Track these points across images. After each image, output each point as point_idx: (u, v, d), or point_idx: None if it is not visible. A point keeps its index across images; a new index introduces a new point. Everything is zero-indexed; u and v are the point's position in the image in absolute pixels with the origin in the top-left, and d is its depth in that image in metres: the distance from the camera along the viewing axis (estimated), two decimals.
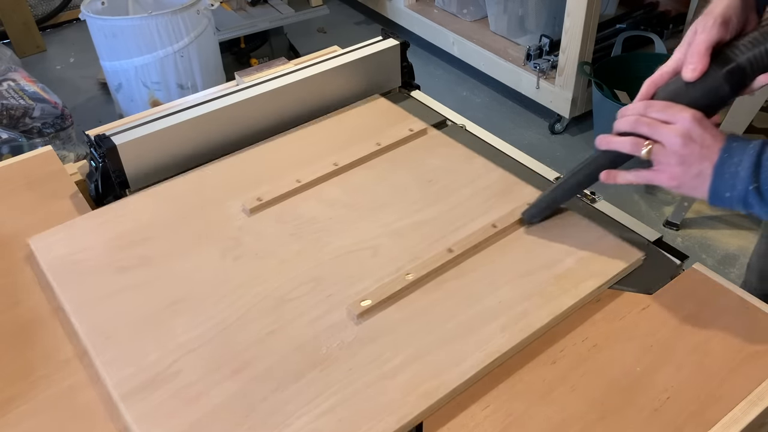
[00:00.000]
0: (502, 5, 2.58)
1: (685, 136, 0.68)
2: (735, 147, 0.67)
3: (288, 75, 1.09)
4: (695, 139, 0.68)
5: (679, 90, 0.71)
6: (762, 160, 0.66)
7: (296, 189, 0.94)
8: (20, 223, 0.90)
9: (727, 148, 0.68)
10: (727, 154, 0.67)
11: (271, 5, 2.76)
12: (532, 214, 0.87)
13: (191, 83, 2.32)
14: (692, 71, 0.69)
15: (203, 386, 0.69)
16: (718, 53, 0.69)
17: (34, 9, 3.17)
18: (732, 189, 0.67)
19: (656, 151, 0.71)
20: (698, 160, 0.69)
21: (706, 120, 0.69)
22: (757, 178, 0.66)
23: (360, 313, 0.75)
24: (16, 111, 2.09)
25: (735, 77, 0.68)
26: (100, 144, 0.93)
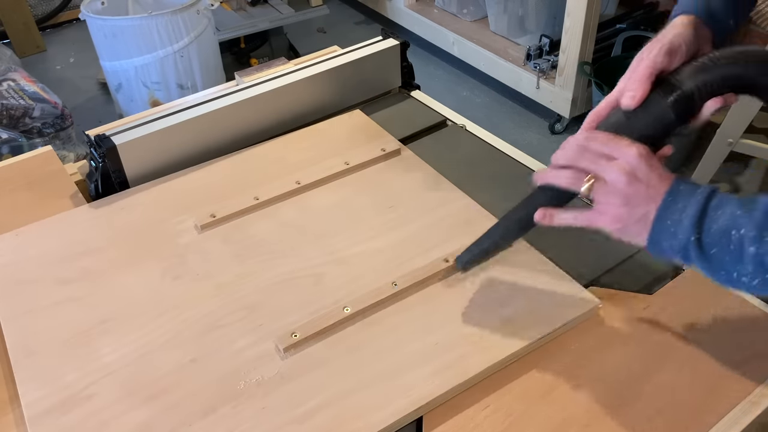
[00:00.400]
0: (502, 5, 2.58)
1: (630, 174, 0.61)
2: (681, 191, 0.61)
3: (288, 75, 1.09)
4: (641, 177, 0.61)
5: (622, 121, 0.66)
6: (709, 209, 0.59)
7: (252, 207, 0.91)
8: (20, 223, 0.90)
9: (672, 192, 0.61)
10: (671, 198, 0.61)
11: (271, 5, 2.76)
12: (466, 261, 0.80)
13: (191, 83, 2.32)
14: (631, 98, 0.64)
15: (112, 413, 0.67)
16: (662, 81, 0.65)
17: (34, 9, 3.17)
18: (672, 238, 0.60)
19: (598, 189, 0.64)
20: (644, 201, 0.62)
21: (652, 156, 0.63)
22: (699, 229, 0.59)
23: (287, 347, 0.72)
24: (16, 111, 2.09)
25: (680, 104, 0.63)
26: (100, 144, 0.93)
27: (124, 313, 0.78)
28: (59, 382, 0.70)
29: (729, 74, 0.63)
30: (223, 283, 0.81)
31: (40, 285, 0.81)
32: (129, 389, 0.69)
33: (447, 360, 0.71)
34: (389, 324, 0.75)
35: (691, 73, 0.64)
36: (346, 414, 0.66)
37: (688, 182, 0.62)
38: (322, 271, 0.82)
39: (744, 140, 1.87)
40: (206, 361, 0.72)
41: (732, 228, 0.57)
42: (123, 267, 0.84)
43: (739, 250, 0.57)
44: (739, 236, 0.57)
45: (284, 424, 0.66)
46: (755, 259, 0.56)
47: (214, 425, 0.66)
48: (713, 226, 0.58)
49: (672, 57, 0.66)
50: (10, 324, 0.77)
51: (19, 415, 0.69)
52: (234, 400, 0.68)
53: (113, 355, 0.73)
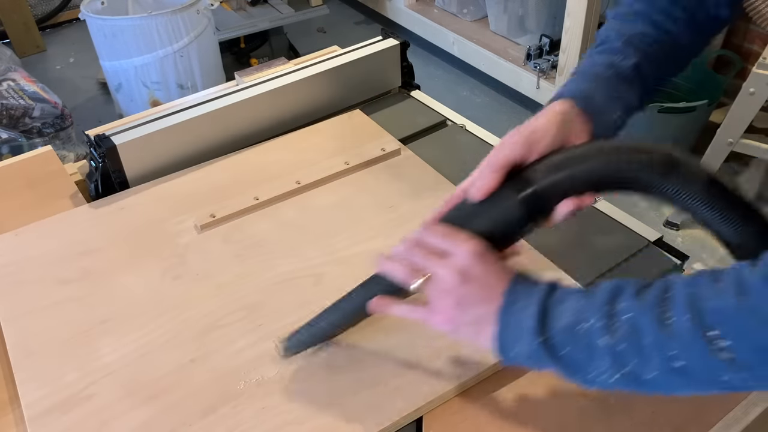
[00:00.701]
0: (502, 5, 2.58)
1: (462, 274, 0.57)
2: (520, 290, 0.56)
3: (288, 75, 1.09)
4: (473, 277, 0.57)
5: (468, 213, 0.60)
6: (550, 305, 0.54)
7: (252, 207, 0.91)
8: (20, 223, 0.90)
9: (511, 291, 0.56)
10: (511, 298, 0.56)
11: (271, 5, 2.76)
12: (290, 346, 0.71)
13: (191, 83, 2.32)
14: (478, 190, 0.59)
15: (113, 413, 0.67)
16: (516, 174, 0.59)
17: (34, 9, 3.17)
18: (519, 342, 0.54)
19: (430, 287, 0.59)
20: (476, 303, 0.57)
21: (489, 254, 0.58)
22: (544, 329, 0.53)
23: None
24: (16, 111, 2.09)
25: (530, 203, 0.57)
26: (100, 144, 0.93)
27: (124, 313, 0.77)
28: (59, 382, 0.70)
29: (584, 174, 0.57)
30: (223, 283, 0.81)
31: (40, 285, 0.81)
32: (129, 389, 0.69)
33: (447, 360, 0.71)
34: (389, 324, 0.75)
35: (544, 170, 0.58)
36: (346, 414, 0.66)
37: (527, 279, 0.57)
38: (322, 271, 0.82)
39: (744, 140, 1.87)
40: (206, 361, 0.72)
41: (578, 322, 0.52)
42: (123, 267, 0.84)
43: (590, 347, 0.51)
44: (586, 330, 0.51)
45: (284, 424, 0.66)
46: (608, 352, 0.50)
47: (214, 425, 0.66)
48: (558, 323, 0.53)
49: (531, 148, 0.60)
50: (10, 324, 0.77)
51: (19, 415, 0.69)
52: (234, 400, 0.68)
53: (113, 355, 0.73)
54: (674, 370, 0.48)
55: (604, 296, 0.52)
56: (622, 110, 0.66)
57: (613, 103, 0.65)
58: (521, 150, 0.60)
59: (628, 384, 0.51)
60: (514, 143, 0.60)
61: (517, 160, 0.60)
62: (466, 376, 0.69)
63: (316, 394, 0.68)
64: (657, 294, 0.50)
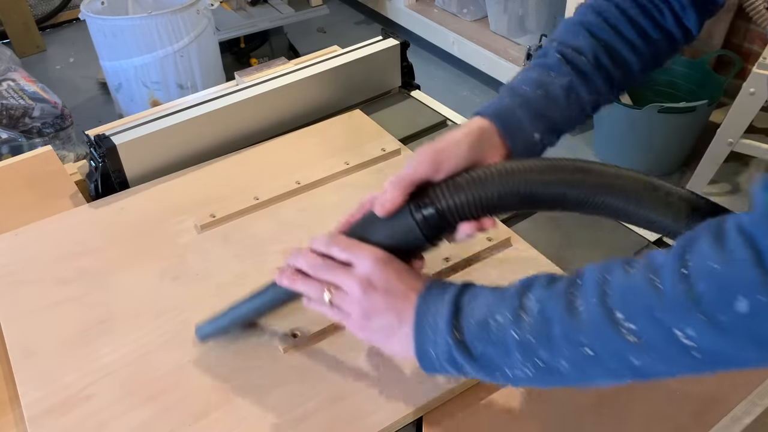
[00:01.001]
0: (502, 5, 2.58)
1: (364, 283, 0.57)
2: (432, 293, 0.56)
3: (288, 75, 1.09)
4: (376, 285, 0.57)
5: (371, 226, 0.61)
6: (462, 303, 0.54)
7: (252, 207, 0.91)
8: (20, 223, 0.90)
9: (425, 298, 0.56)
10: (423, 302, 0.56)
11: (271, 5, 2.76)
12: (204, 334, 0.73)
13: (191, 83, 2.32)
14: (381, 207, 0.59)
15: (112, 413, 0.67)
16: (420, 193, 0.59)
17: (34, 9, 3.17)
18: (435, 346, 0.54)
19: (338, 299, 0.59)
20: (382, 311, 0.57)
21: (394, 261, 0.58)
22: (458, 328, 0.53)
23: (286, 347, 0.72)
24: (15, 111, 2.09)
25: (429, 223, 0.58)
26: (100, 144, 0.93)
27: (123, 314, 0.77)
28: (59, 382, 0.70)
29: (482, 199, 0.56)
30: (222, 283, 0.81)
31: (39, 285, 0.81)
32: (128, 389, 0.69)
33: None
34: None
35: (446, 191, 0.57)
36: (346, 415, 0.66)
37: (439, 282, 0.57)
38: None
39: (744, 140, 1.87)
40: (206, 361, 0.72)
41: (489, 317, 0.52)
42: (122, 267, 0.84)
43: (502, 341, 0.51)
44: (497, 324, 0.51)
45: (284, 425, 0.66)
46: (520, 345, 0.50)
47: (214, 425, 0.66)
48: (471, 320, 0.52)
49: (439, 167, 0.59)
50: (10, 324, 0.77)
51: (18, 415, 0.69)
52: (234, 400, 0.68)
53: (113, 355, 0.73)
54: (586, 358, 0.48)
55: (515, 289, 0.52)
56: (545, 130, 0.65)
57: (536, 123, 0.64)
58: (427, 168, 0.59)
59: (546, 377, 0.50)
60: (421, 162, 0.59)
61: (423, 178, 0.59)
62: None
63: (315, 394, 0.68)
64: (568, 281, 0.50)
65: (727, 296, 0.42)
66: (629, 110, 2.09)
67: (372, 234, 0.60)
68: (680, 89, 2.24)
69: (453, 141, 0.61)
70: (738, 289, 0.41)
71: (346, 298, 0.59)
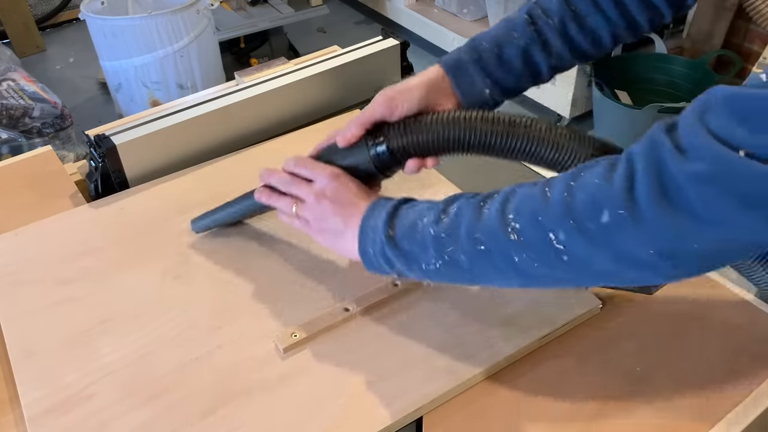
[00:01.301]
0: (502, 5, 2.58)
1: (319, 194, 0.68)
2: (379, 203, 0.65)
3: (288, 75, 1.09)
4: (328, 195, 0.68)
5: (334, 155, 0.72)
6: (400, 209, 0.63)
7: None
8: (20, 223, 0.90)
9: (373, 206, 0.66)
10: (370, 210, 0.65)
11: (271, 5, 2.76)
12: (198, 226, 0.87)
13: (191, 83, 2.32)
14: (342, 138, 0.70)
15: (112, 413, 0.67)
16: (376, 130, 0.69)
17: (34, 9, 3.17)
18: (373, 244, 0.63)
19: (301, 208, 0.71)
20: (331, 216, 0.67)
21: (346, 177, 0.69)
22: (392, 227, 0.62)
23: (287, 346, 0.72)
24: (15, 111, 2.09)
25: (381, 157, 0.69)
26: (100, 144, 0.93)
27: (124, 313, 0.77)
28: (59, 382, 0.70)
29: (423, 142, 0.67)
30: (223, 282, 0.81)
31: (40, 285, 0.81)
32: (129, 389, 0.69)
33: (448, 359, 0.71)
34: (390, 324, 0.75)
35: (395, 131, 0.68)
36: (346, 414, 0.66)
37: (387, 197, 0.67)
38: (327, 267, 0.82)
39: None
40: (207, 360, 0.72)
41: (418, 220, 0.61)
42: (123, 267, 0.84)
43: (423, 238, 0.60)
44: (422, 225, 0.60)
45: (284, 424, 0.66)
46: (434, 240, 0.59)
47: (215, 426, 0.66)
48: (404, 222, 0.62)
49: (393, 110, 0.68)
50: (10, 324, 0.77)
51: (19, 415, 0.69)
52: (236, 400, 0.68)
53: (113, 355, 0.73)
54: (479, 253, 0.56)
55: (444, 199, 0.62)
56: (494, 89, 0.72)
57: (486, 81, 0.72)
58: (384, 110, 0.68)
59: (451, 270, 0.59)
60: (379, 103, 0.69)
61: (379, 118, 0.69)
62: (466, 375, 0.69)
63: (316, 394, 0.68)
64: (488, 194, 0.59)
65: (597, 208, 0.48)
66: (629, 110, 2.09)
67: (335, 160, 0.71)
68: (680, 89, 2.24)
69: (408, 87, 0.70)
70: (605, 202, 0.48)
71: (305, 207, 0.70)
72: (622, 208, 0.47)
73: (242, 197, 0.83)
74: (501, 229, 0.54)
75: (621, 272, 0.51)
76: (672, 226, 0.46)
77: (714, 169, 0.44)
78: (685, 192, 0.45)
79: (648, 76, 2.29)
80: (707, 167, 0.44)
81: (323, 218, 0.68)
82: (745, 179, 0.43)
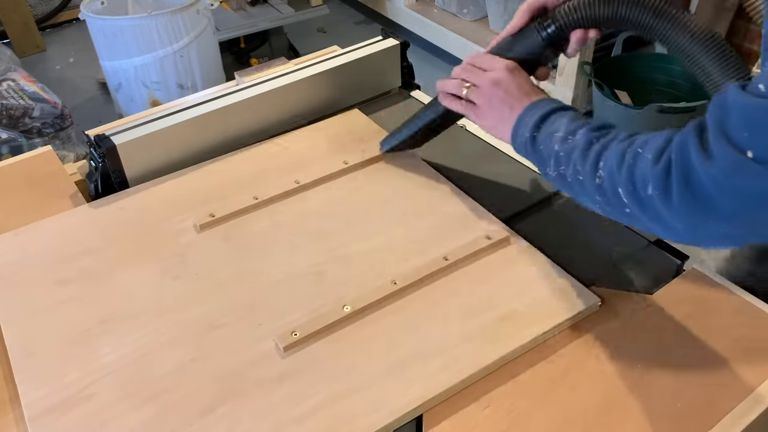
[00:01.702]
0: (502, 5, 2.58)
1: (494, 81, 0.78)
2: (540, 104, 0.74)
3: (288, 75, 1.09)
4: (501, 84, 0.77)
5: (505, 44, 0.82)
6: (551, 115, 0.72)
7: (251, 206, 0.91)
8: (20, 223, 0.90)
9: (533, 104, 0.75)
10: (531, 107, 0.74)
11: (271, 5, 2.76)
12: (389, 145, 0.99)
13: (191, 83, 2.32)
14: (511, 27, 0.81)
15: (112, 413, 0.67)
16: (540, 15, 0.80)
17: (34, 9, 3.16)
18: (522, 137, 0.74)
19: (472, 92, 0.80)
20: (500, 103, 0.77)
21: (519, 71, 0.79)
22: (537, 128, 0.72)
23: (287, 345, 0.72)
24: (15, 111, 2.09)
25: (549, 32, 0.78)
26: (100, 144, 0.93)
27: (123, 313, 0.77)
28: (59, 381, 0.70)
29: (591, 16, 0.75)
30: (222, 282, 0.81)
31: (39, 285, 0.81)
32: (129, 389, 0.69)
33: (447, 357, 0.71)
34: (389, 322, 0.75)
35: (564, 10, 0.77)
36: (346, 412, 0.66)
37: (555, 101, 0.75)
38: (322, 269, 0.82)
39: None
40: (206, 360, 0.72)
41: (555, 131, 0.71)
42: (123, 267, 0.84)
43: (550, 149, 0.70)
44: (554, 138, 0.70)
45: (284, 424, 0.66)
46: (555, 155, 0.69)
47: (215, 425, 0.66)
48: (548, 128, 0.72)
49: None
50: (10, 324, 0.77)
51: (19, 414, 0.69)
52: (234, 399, 0.68)
53: (113, 354, 0.73)
54: (577, 181, 0.68)
55: (581, 121, 0.70)
56: None
57: None
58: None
59: (559, 181, 0.71)
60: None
61: (542, 4, 0.80)
62: (466, 373, 0.69)
63: (316, 393, 0.68)
64: (603, 131, 0.67)
65: (645, 181, 0.59)
66: (629, 110, 2.09)
67: (506, 50, 0.82)
68: (680, 89, 2.24)
69: None
70: (650, 179, 0.58)
71: (476, 91, 0.80)
72: (659, 188, 0.57)
73: (421, 110, 0.94)
74: (591, 171, 0.65)
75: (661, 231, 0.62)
76: (694, 212, 0.56)
77: (731, 173, 0.52)
78: (706, 188, 0.54)
79: (648, 76, 2.29)
80: (726, 171, 0.53)
81: (493, 105, 0.78)
82: (755, 179, 0.51)
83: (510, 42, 0.82)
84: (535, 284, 0.79)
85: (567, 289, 0.78)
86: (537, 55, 0.80)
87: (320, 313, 0.76)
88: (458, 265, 0.82)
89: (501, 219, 0.89)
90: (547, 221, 0.91)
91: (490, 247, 0.84)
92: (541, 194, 0.95)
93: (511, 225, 0.88)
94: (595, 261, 0.84)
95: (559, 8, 0.78)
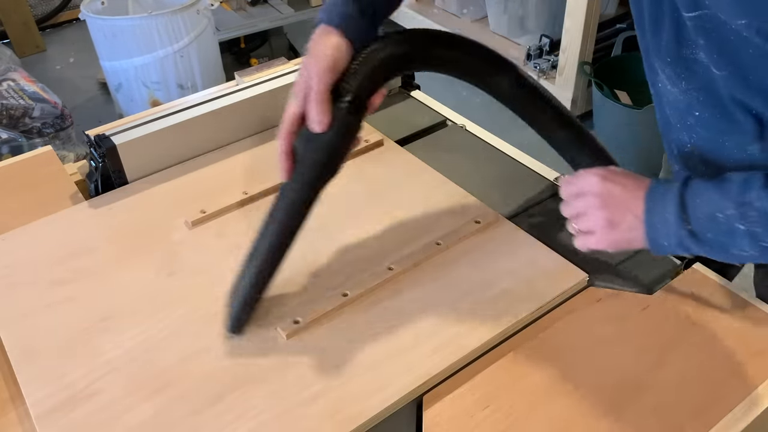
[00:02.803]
0: (502, 5, 2.58)
1: (601, 198, 0.67)
2: (658, 192, 0.65)
3: (288, 75, 1.09)
4: (613, 194, 0.67)
5: (316, 139, 0.71)
6: (686, 200, 0.64)
7: (242, 201, 0.92)
8: (20, 223, 0.90)
9: (650, 197, 0.66)
10: (651, 202, 0.65)
11: (271, 5, 2.76)
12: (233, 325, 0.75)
13: (191, 83, 2.32)
14: (319, 124, 0.69)
15: (120, 408, 0.67)
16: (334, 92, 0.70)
17: (34, 9, 3.17)
18: (667, 237, 0.65)
19: (582, 224, 0.70)
20: (622, 215, 0.67)
21: (612, 173, 0.68)
22: (687, 220, 0.63)
23: (289, 333, 0.73)
24: (15, 111, 2.09)
25: (356, 108, 0.71)
26: (100, 144, 0.93)
27: (123, 310, 0.78)
28: (63, 380, 0.70)
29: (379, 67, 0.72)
30: (220, 275, 0.81)
31: (38, 285, 0.81)
32: (135, 383, 0.70)
33: (444, 338, 0.73)
34: (386, 306, 0.77)
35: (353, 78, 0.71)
36: (348, 396, 0.68)
37: (660, 182, 0.66)
38: (317, 258, 0.83)
39: None
40: (209, 351, 0.73)
41: (716, 212, 0.62)
42: (119, 265, 0.84)
43: (731, 230, 0.62)
44: (725, 217, 0.62)
45: (291, 408, 0.67)
46: (747, 234, 0.61)
47: (226, 411, 0.67)
48: (698, 214, 0.63)
49: (335, 73, 0.70)
50: (8, 325, 0.77)
51: (22, 412, 0.69)
52: (242, 387, 0.69)
53: (116, 351, 0.73)
54: None
55: (736, 188, 0.62)
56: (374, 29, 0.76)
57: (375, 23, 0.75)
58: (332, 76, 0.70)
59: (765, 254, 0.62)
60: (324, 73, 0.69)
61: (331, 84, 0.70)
62: (463, 351, 0.71)
63: (319, 378, 0.70)
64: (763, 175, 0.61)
65: None
66: (629, 110, 2.09)
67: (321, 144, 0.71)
68: None
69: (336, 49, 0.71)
70: None
71: (587, 218, 0.69)
72: None
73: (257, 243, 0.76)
74: None
75: None
76: None
77: None
78: None
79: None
80: None
81: (617, 222, 0.67)
82: None
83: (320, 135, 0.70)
84: (524, 264, 0.82)
85: (555, 267, 0.81)
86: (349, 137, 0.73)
87: (320, 300, 0.77)
88: (450, 249, 0.84)
89: None
90: (547, 221, 0.91)
91: (480, 231, 0.86)
92: (541, 194, 0.95)
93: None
94: (595, 261, 0.84)
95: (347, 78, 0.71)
